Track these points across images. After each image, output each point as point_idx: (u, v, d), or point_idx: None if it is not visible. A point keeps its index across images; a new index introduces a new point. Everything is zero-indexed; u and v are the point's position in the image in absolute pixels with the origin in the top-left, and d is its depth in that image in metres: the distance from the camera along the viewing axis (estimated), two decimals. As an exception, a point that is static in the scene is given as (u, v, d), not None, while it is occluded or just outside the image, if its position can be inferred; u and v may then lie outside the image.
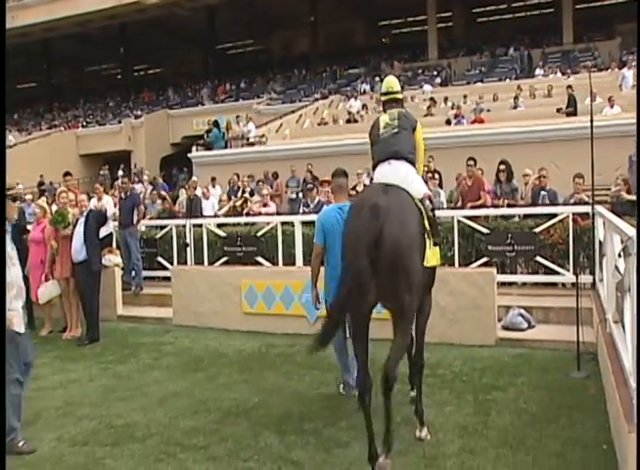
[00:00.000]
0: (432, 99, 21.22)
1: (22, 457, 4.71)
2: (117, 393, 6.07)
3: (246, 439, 4.81)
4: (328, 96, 26.83)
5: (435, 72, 28.34)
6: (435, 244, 4.61)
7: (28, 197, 13.65)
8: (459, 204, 10.05)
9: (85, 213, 8.23)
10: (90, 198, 9.35)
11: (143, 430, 5.09)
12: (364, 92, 25.85)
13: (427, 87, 24.17)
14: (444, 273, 7.27)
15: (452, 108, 19.64)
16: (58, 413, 5.61)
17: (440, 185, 11.61)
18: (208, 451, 4.62)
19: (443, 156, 13.71)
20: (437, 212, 8.23)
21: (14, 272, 4.89)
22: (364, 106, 22.23)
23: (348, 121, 21.30)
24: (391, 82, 5.21)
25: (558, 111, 16.64)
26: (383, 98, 5.19)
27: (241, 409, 5.43)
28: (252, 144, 18.57)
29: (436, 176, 11.07)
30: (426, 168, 13.58)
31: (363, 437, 4.67)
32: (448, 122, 18.50)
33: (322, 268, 5.61)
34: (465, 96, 21.01)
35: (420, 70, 29.65)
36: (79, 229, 8.13)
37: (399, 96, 5.19)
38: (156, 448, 4.72)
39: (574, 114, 16.04)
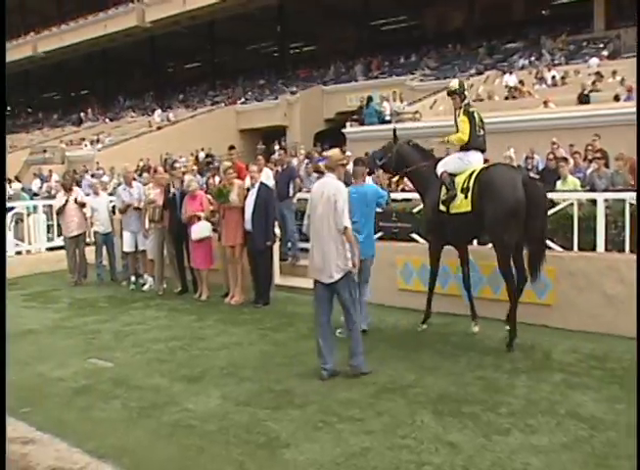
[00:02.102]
0: (598, 73, 19.66)
1: (194, 410, 5.05)
2: (276, 359, 6.30)
3: (402, 416, 4.79)
4: (483, 72, 25.78)
5: (602, 45, 26.15)
6: None
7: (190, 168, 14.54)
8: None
9: (257, 186, 8.57)
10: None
11: (301, 397, 5.24)
12: (522, 67, 24.53)
13: (593, 61, 22.40)
14: (614, 260, 6.78)
15: (621, 83, 18.05)
16: (222, 373, 5.93)
17: (607, 165, 10.70)
18: (365, 425, 4.66)
19: (609, 135, 12.71)
20: (607, 195, 7.71)
21: None
22: (521, 82, 21.10)
23: (506, 98, 20.36)
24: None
25: None
26: (462, 95, 6.88)
27: (397, 385, 5.42)
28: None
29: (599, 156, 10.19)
30: (590, 147, 12.71)
31: (525, 426, 4.53)
32: (617, 98, 17.07)
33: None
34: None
35: (585, 43, 27.54)
36: (250, 199, 8.50)
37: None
38: (314, 416, 4.84)
39: None
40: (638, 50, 16.80)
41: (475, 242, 7.61)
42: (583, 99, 17.14)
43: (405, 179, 7.96)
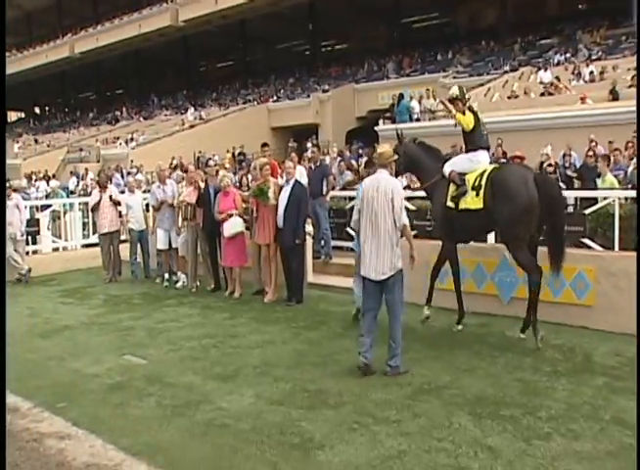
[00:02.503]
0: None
1: (227, 409, 5.02)
2: (309, 358, 6.24)
3: (439, 418, 4.69)
4: (518, 68, 25.37)
5: (641, 39, 25.49)
6: None
7: (227, 166, 14.63)
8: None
9: (292, 183, 8.54)
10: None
11: (336, 397, 5.17)
12: (558, 63, 24.06)
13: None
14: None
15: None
16: (256, 372, 5.89)
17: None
18: (401, 426, 4.57)
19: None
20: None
21: None
22: (557, 78, 20.67)
23: (542, 95, 19.98)
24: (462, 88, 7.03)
25: None
26: (463, 100, 6.88)
27: (432, 386, 5.32)
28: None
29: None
30: (630, 144, 12.38)
31: (567, 430, 4.39)
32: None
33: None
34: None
35: (623, 37, 26.87)
36: (284, 195, 8.47)
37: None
38: (348, 417, 4.77)
39: None
40: (638, 52, 16.38)
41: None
42: (614, 94, 16.71)
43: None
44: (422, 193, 7.73)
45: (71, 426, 4.83)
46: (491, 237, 7.98)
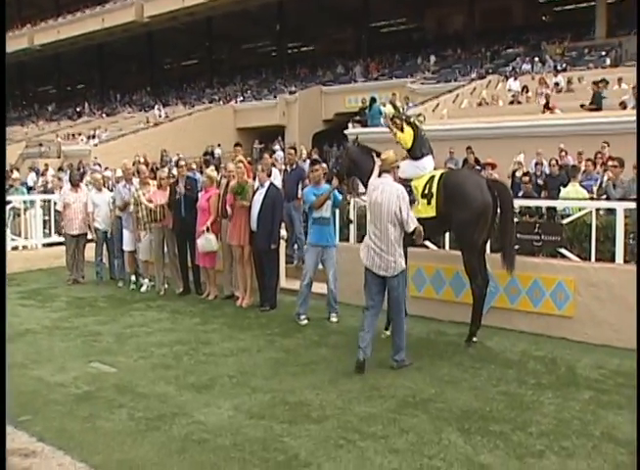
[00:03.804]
0: (603, 80, 19.47)
1: (205, 423, 4.77)
2: (287, 367, 6.02)
3: (427, 433, 4.53)
4: (485, 76, 25.63)
5: (604, 52, 26.03)
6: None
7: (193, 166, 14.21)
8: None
9: (267, 185, 8.31)
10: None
11: (318, 410, 4.97)
12: (523, 73, 24.38)
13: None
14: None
15: (632, 89, 17.83)
16: (232, 382, 5.65)
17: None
18: (389, 442, 4.40)
19: (617, 142, 12.53)
20: (627, 204, 7.50)
21: None
22: (524, 87, 20.92)
23: (511, 103, 20.18)
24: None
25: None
26: (400, 116, 7.18)
27: (417, 399, 5.17)
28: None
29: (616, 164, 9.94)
30: (599, 155, 12.53)
31: (560, 448, 4.29)
32: (623, 106, 16.90)
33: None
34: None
35: (586, 50, 27.44)
36: (258, 198, 8.23)
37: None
38: (333, 432, 4.57)
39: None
40: (638, 54, 16.67)
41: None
42: (596, 101, 16.78)
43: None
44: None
45: (37, 442, 4.52)
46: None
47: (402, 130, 6.89)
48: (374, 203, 5.85)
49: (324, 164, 9.48)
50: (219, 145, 26.50)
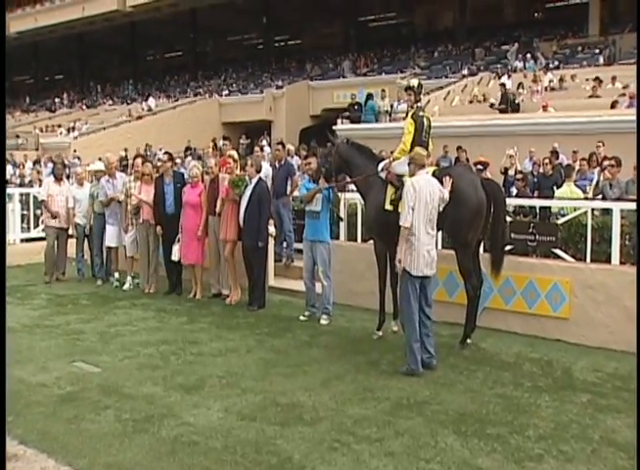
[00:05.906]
0: (597, 79, 19.50)
1: (194, 424, 4.62)
2: (278, 368, 5.88)
3: (423, 436, 4.42)
4: (476, 73, 25.54)
5: (598, 50, 26.05)
6: None
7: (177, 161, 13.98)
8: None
9: (255, 181, 8.14)
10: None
11: (311, 412, 4.85)
12: (515, 70, 24.34)
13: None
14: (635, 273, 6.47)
15: (624, 88, 17.85)
16: (222, 383, 5.50)
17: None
18: (384, 445, 4.29)
19: (612, 141, 12.49)
20: (623, 205, 7.44)
21: None
22: (520, 84, 20.85)
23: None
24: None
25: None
26: (419, 96, 6.88)
27: (412, 401, 5.06)
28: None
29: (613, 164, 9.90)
30: (595, 155, 12.44)
31: (558, 452, 4.20)
32: (613, 105, 16.91)
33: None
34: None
35: (579, 48, 27.45)
36: (246, 193, 8.06)
37: None
38: (327, 435, 4.45)
39: None
40: (638, 54, 16.64)
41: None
42: (505, 101, 16.94)
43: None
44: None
45: (18, 444, 4.33)
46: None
47: (413, 107, 6.74)
48: (425, 202, 5.70)
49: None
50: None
